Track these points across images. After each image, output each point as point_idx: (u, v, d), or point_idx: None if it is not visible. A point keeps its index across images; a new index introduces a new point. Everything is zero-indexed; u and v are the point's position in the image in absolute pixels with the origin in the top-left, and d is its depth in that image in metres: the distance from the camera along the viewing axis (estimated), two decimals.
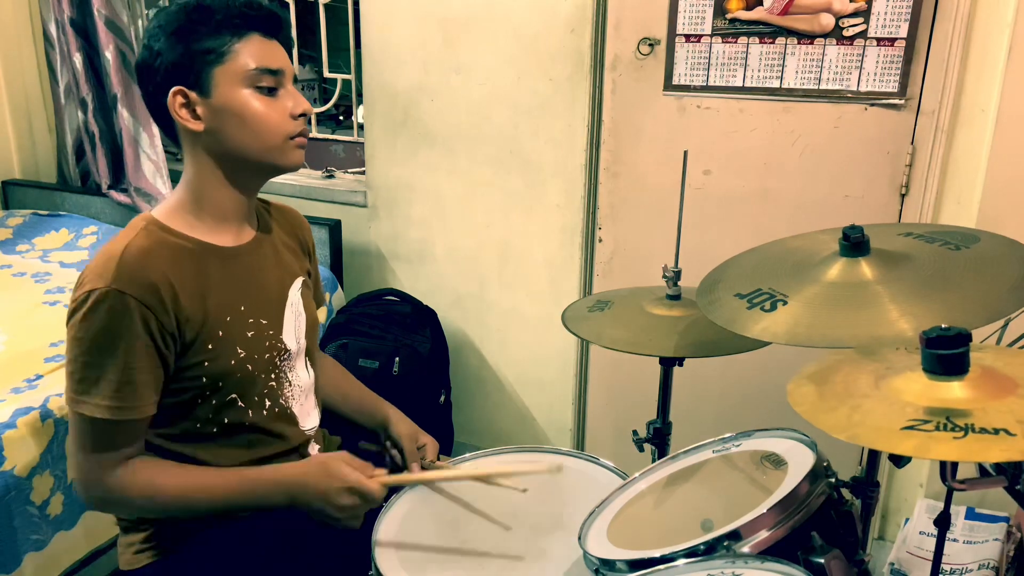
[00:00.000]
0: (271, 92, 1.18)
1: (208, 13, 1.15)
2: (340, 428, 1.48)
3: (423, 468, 1.35)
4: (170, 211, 1.20)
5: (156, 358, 1.12)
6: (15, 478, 1.63)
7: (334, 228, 2.53)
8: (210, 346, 1.17)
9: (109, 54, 2.66)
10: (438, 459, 1.39)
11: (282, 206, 1.42)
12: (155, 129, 2.71)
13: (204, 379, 1.18)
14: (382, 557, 1.14)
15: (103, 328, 1.08)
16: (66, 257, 2.66)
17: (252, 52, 1.16)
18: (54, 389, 1.76)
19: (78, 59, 2.75)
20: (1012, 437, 0.76)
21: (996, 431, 0.77)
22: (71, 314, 1.11)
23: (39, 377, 1.84)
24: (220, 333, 1.18)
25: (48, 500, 1.70)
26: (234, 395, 1.22)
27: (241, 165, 1.20)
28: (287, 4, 2.67)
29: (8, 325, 2.15)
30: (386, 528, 1.20)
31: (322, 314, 2.42)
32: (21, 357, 1.96)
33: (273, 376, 1.26)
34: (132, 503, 1.18)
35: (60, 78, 2.82)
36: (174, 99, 1.15)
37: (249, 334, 1.22)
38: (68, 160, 2.93)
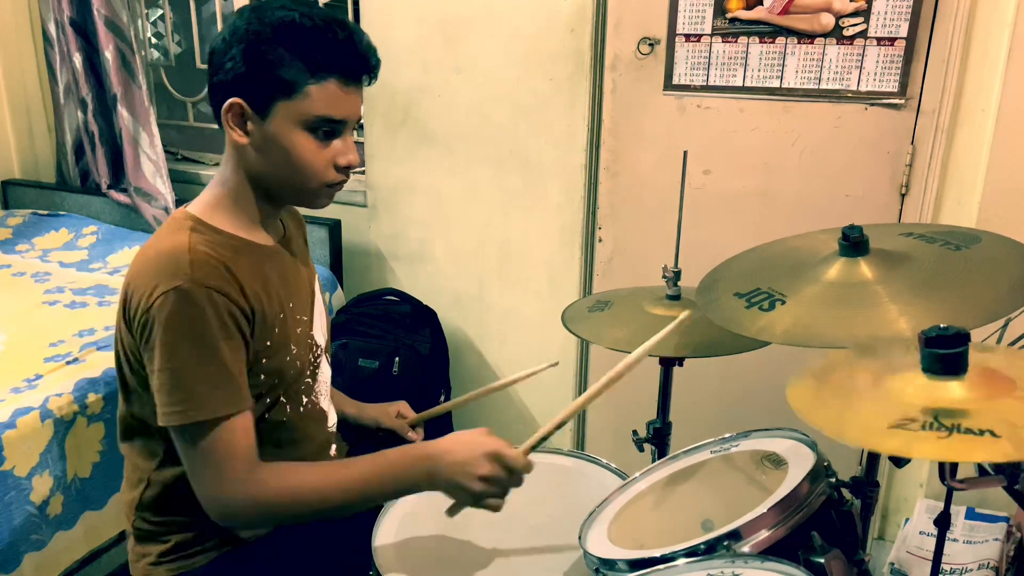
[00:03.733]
0: (326, 137, 1.13)
1: (296, 40, 1.08)
2: (348, 435, 1.48)
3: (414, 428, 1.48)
4: (210, 208, 1.17)
5: (243, 348, 1.11)
6: (15, 478, 1.63)
7: (334, 228, 2.53)
8: (268, 343, 1.16)
9: (109, 54, 2.65)
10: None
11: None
12: (155, 129, 2.71)
13: (263, 376, 1.16)
14: (382, 557, 1.13)
15: (196, 325, 1.05)
16: (66, 257, 2.66)
17: (323, 98, 1.10)
18: (54, 389, 1.76)
19: (78, 59, 2.74)
20: (997, 439, 0.76)
21: (982, 432, 0.77)
22: (147, 321, 1.06)
23: (39, 377, 1.84)
24: (276, 330, 1.17)
25: (48, 500, 1.70)
26: (280, 392, 1.21)
27: (271, 189, 1.18)
28: None
29: (8, 325, 2.15)
30: (386, 528, 1.20)
31: None
32: (21, 357, 1.96)
33: (309, 372, 1.26)
34: (274, 509, 1.12)
35: (60, 78, 2.82)
36: (229, 108, 1.11)
37: (298, 331, 1.22)
38: (68, 160, 2.93)
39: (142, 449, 1.22)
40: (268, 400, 1.19)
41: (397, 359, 2.27)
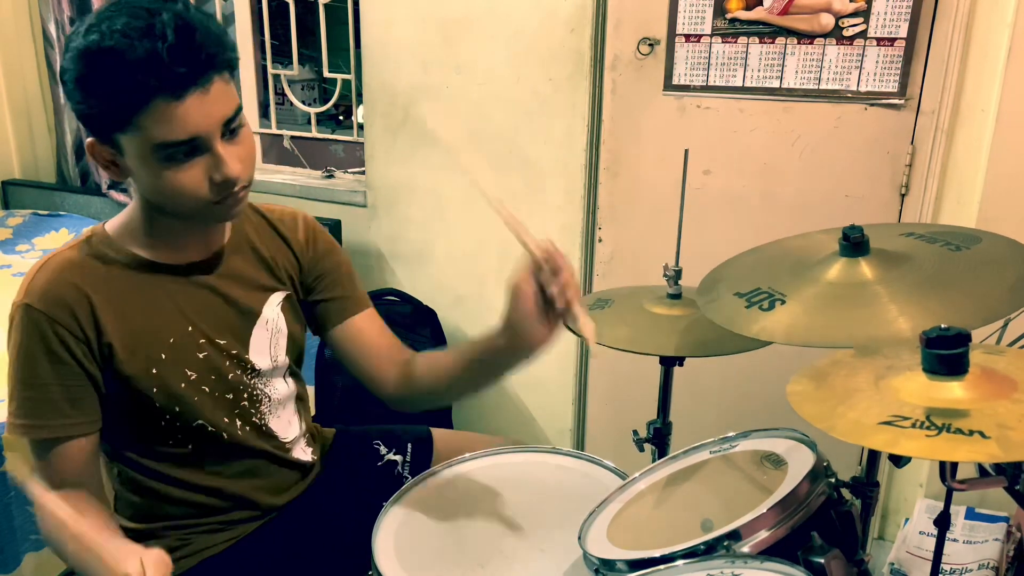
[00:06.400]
0: (187, 156, 1.00)
1: (106, 69, 0.95)
2: (334, 419, 1.47)
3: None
4: (121, 225, 1.14)
5: (81, 375, 1.07)
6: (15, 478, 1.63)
7: (334, 228, 2.53)
8: (154, 370, 1.12)
9: None
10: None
11: (282, 213, 1.30)
12: None
13: (157, 404, 1.13)
14: (382, 557, 1.13)
15: (17, 343, 1.06)
16: None
17: (156, 123, 0.96)
18: None
19: None
20: (985, 440, 0.76)
21: (971, 432, 0.77)
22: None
23: None
24: (163, 356, 1.12)
25: None
26: (200, 421, 1.16)
27: (167, 211, 1.10)
28: (287, 4, 2.67)
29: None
30: (386, 528, 1.20)
31: None
32: None
33: (245, 395, 1.22)
34: (44, 534, 1.09)
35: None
36: (89, 149, 1.05)
37: (200, 355, 1.16)
38: (68, 160, 2.93)
39: (105, 462, 1.22)
40: (179, 423, 1.15)
41: None
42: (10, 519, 1.62)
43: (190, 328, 1.15)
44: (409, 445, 1.43)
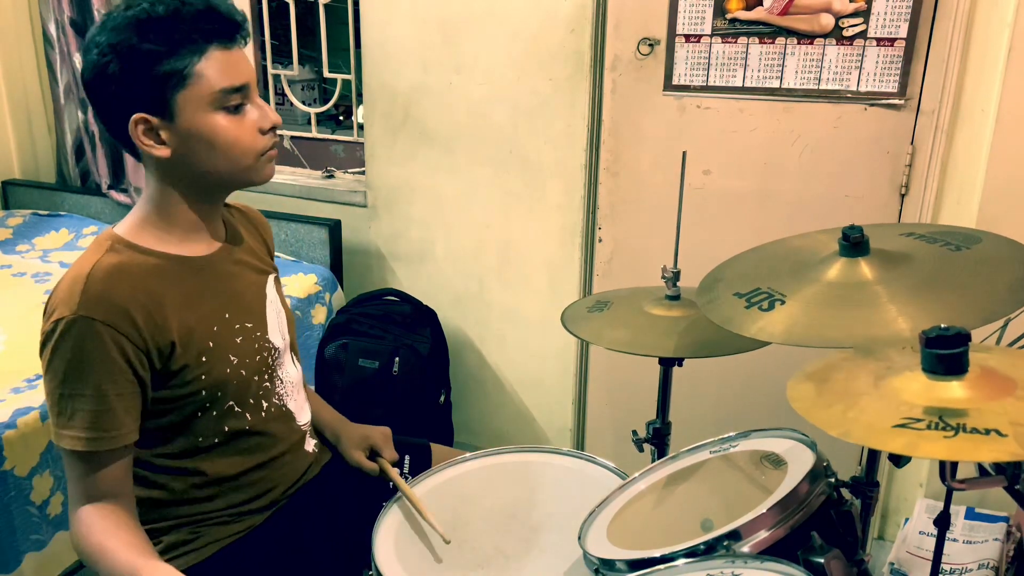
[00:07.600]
0: (238, 109, 1.12)
1: (161, 29, 1.06)
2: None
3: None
4: (135, 227, 1.16)
5: (134, 383, 1.09)
6: (15, 478, 1.63)
7: (334, 228, 2.53)
8: (204, 359, 1.15)
9: None
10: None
11: (243, 207, 1.39)
12: None
13: (203, 392, 1.16)
14: (382, 557, 1.14)
15: (74, 357, 1.05)
16: (66, 257, 2.66)
17: (216, 70, 1.08)
18: None
19: (78, 59, 2.75)
20: (1003, 438, 0.76)
21: (987, 431, 0.77)
22: (42, 345, 1.08)
23: (39, 377, 1.84)
24: (210, 344, 1.16)
25: (48, 500, 1.70)
26: (231, 402, 1.21)
27: (211, 184, 1.17)
28: (287, 4, 2.67)
29: (8, 325, 2.15)
30: (386, 528, 1.20)
31: (322, 314, 2.42)
32: (21, 357, 1.96)
33: (266, 376, 1.26)
34: (78, 548, 1.09)
35: (60, 78, 2.82)
36: (136, 127, 1.09)
37: (238, 340, 1.21)
38: (68, 160, 2.93)
39: None
40: (215, 412, 1.19)
41: (397, 359, 2.27)
42: (10, 519, 1.62)
43: (227, 315, 1.21)
44: (407, 457, 1.45)
